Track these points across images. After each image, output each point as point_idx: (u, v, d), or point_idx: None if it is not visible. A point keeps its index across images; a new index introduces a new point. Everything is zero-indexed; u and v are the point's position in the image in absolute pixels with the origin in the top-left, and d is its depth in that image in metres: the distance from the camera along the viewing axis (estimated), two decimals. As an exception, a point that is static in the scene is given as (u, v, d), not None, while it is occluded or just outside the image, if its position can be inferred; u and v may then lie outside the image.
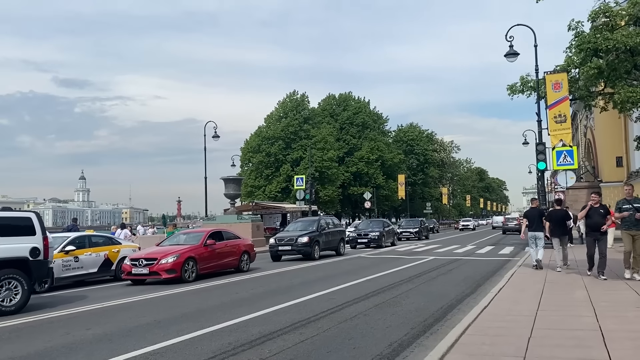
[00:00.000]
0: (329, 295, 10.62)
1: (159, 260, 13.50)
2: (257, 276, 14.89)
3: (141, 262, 13.59)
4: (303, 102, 58.23)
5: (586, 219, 11.45)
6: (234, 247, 16.02)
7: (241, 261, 16.10)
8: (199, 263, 14.19)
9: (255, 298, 10.54)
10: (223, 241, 15.74)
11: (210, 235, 15.35)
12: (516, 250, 24.42)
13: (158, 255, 13.77)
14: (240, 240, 16.70)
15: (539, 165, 21.93)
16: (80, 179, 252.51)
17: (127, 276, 13.85)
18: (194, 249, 14.36)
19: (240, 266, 16.04)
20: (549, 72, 22.51)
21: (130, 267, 13.70)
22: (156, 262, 13.47)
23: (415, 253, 23.11)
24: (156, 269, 13.35)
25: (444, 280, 13.06)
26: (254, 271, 16.20)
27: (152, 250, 14.76)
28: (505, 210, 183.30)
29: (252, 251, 17.00)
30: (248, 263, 16.47)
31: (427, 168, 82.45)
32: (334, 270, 16.14)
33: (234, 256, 15.85)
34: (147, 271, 13.45)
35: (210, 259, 14.78)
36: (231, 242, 16.14)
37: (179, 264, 13.52)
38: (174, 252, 13.84)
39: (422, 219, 47.03)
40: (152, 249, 15.02)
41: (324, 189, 54.25)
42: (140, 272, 13.54)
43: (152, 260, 13.55)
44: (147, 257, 13.75)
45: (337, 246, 22.44)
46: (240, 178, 32.76)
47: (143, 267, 13.50)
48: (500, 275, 13.78)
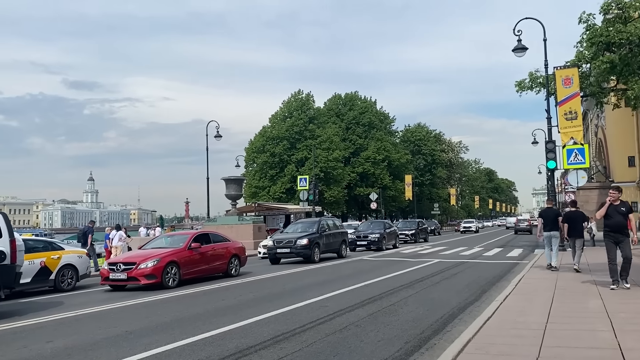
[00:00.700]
0: (321, 303, 9.86)
1: (138, 264, 12.68)
2: (248, 281, 14.13)
3: (119, 267, 12.80)
4: (308, 101, 57.48)
5: (604, 219, 9.85)
6: (222, 251, 15.19)
7: (230, 265, 15.28)
8: (183, 268, 13.35)
9: (240, 306, 9.80)
10: (210, 244, 14.90)
11: (196, 238, 14.53)
12: (525, 252, 23.53)
13: (137, 259, 12.93)
14: (229, 243, 15.84)
15: (549, 164, 21.05)
16: (88, 180, 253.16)
17: (104, 281, 13.08)
18: (177, 253, 13.52)
19: (230, 271, 15.20)
20: (559, 67, 21.64)
21: (107, 272, 12.96)
22: (135, 266, 12.66)
23: (419, 255, 22.29)
24: (135, 274, 12.55)
25: (447, 285, 12.26)
26: (245, 276, 15.42)
27: (131, 254, 14.08)
28: (514, 211, 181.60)
29: (243, 254, 16.18)
30: (238, 267, 15.66)
31: (434, 168, 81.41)
32: (332, 274, 15.37)
33: (222, 260, 15.00)
34: (125, 276, 12.65)
35: (195, 263, 13.94)
36: (219, 245, 15.29)
37: (159, 269, 12.68)
38: (154, 256, 12.96)
39: (420, 220, 45.00)
40: (132, 253, 14.36)
41: (330, 189, 53.47)
42: (118, 278, 12.74)
43: (131, 264, 12.73)
44: (125, 262, 12.95)
45: (338, 248, 21.68)
46: (241, 178, 32.10)
47: (121, 272, 12.71)
48: (507, 280, 12.97)
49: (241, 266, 15.92)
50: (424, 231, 37.22)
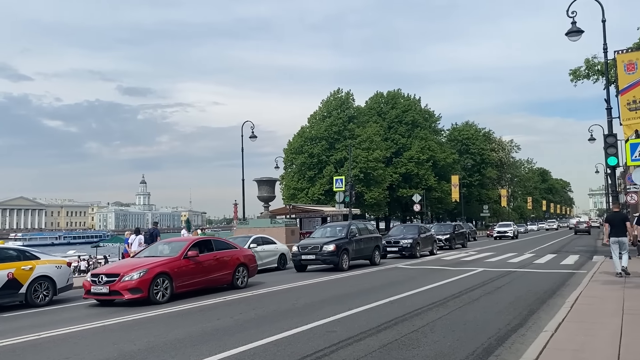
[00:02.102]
0: (329, 326, 8.21)
1: (122, 276, 11.16)
2: (254, 295, 12.50)
3: (101, 279, 11.32)
4: (348, 100, 55.62)
5: None
6: (227, 259, 13.61)
7: (236, 276, 13.72)
8: (176, 280, 11.81)
9: (232, 329, 8.25)
10: (212, 252, 13.37)
11: (195, 245, 12.98)
12: (582, 259, 21.07)
13: (121, 270, 11.44)
14: (235, 251, 14.25)
15: (609, 161, 18.59)
16: (141, 183, 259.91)
17: (86, 295, 11.67)
18: (169, 263, 11.97)
19: (235, 282, 13.66)
20: (621, 50, 19.13)
21: (89, 285, 11.49)
22: (118, 279, 11.14)
23: (462, 263, 20.22)
24: (118, 287, 11.05)
25: (487, 302, 10.34)
26: (254, 287, 13.82)
27: (116, 264, 12.75)
28: (570, 212, 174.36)
29: (252, 263, 14.60)
30: (246, 278, 14.09)
31: (484, 169, 77.82)
32: (357, 286, 13.64)
33: (226, 270, 13.43)
34: (106, 290, 11.15)
35: (192, 274, 12.37)
36: (223, 253, 13.71)
37: (146, 282, 11.13)
38: (140, 267, 11.44)
39: (457, 223, 40.92)
40: (118, 263, 13.05)
41: (370, 191, 51.43)
42: (99, 291, 11.26)
43: (114, 276, 11.23)
44: (108, 273, 11.48)
45: (370, 255, 19.90)
46: (274, 179, 30.75)
47: (103, 284, 11.22)
48: (561, 295, 10.95)
49: (250, 276, 14.39)
50: (460, 236, 33.52)
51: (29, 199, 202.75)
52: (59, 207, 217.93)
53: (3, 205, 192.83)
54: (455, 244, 31.48)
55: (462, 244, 32.99)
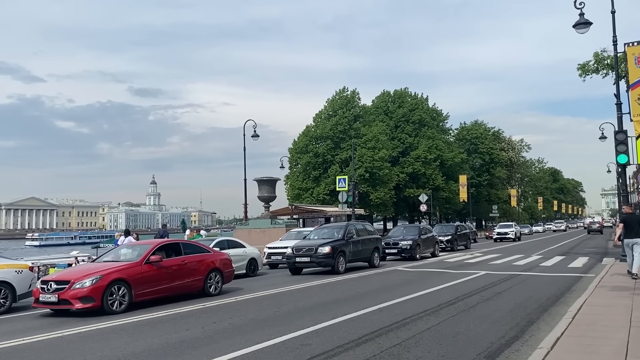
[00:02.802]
0: (306, 338, 7.50)
1: (72, 283, 10.06)
2: (229, 302, 11.54)
3: (50, 286, 10.27)
4: (353, 99, 54.80)
5: None
6: (197, 264, 12.46)
7: (208, 282, 12.60)
8: (135, 287, 10.69)
9: (199, 341, 7.56)
10: (180, 257, 12.22)
11: (160, 249, 11.87)
12: (591, 262, 20.17)
13: (72, 276, 10.33)
14: (208, 255, 13.03)
15: (619, 159, 17.66)
16: (151, 183, 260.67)
17: (35, 304, 10.60)
18: (128, 268, 10.88)
19: (207, 289, 12.53)
20: (631, 43, 18.19)
21: (39, 292, 10.46)
22: (68, 286, 10.05)
23: (464, 266, 19.42)
24: (67, 296, 9.97)
25: (484, 310, 9.57)
26: (230, 294, 12.80)
27: (69, 270, 11.76)
28: (582, 213, 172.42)
29: (228, 268, 13.42)
30: (220, 284, 12.95)
31: (493, 168, 76.57)
32: (349, 291, 12.91)
33: (196, 276, 12.30)
34: (55, 299, 10.09)
35: (155, 280, 11.23)
36: (193, 257, 12.51)
37: (99, 289, 10.04)
38: (94, 273, 10.36)
39: (460, 223, 39.09)
40: (72, 268, 12.13)
41: (375, 190, 50.59)
42: (48, 300, 10.21)
43: (64, 283, 10.16)
44: (58, 280, 10.42)
45: (369, 257, 19.15)
46: (275, 179, 30.06)
47: (51, 292, 10.16)
48: (564, 303, 10.16)
49: (225, 282, 13.28)
50: (463, 237, 31.76)
51: (40, 199, 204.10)
52: (70, 207, 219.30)
53: (15, 206, 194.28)
54: (458, 246, 30.21)
55: (465, 246, 31.58)
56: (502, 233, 43.08)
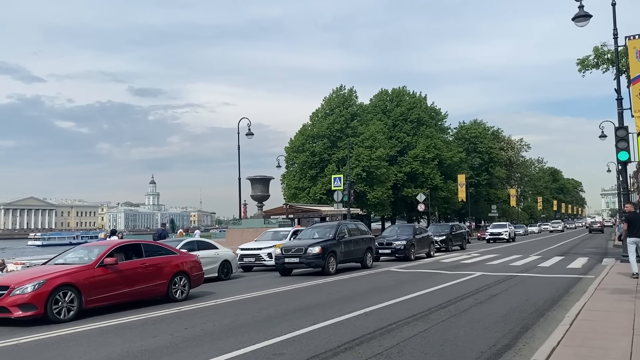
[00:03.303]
0: (280, 347, 6.92)
1: (12, 289, 9.07)
2: (199, 308, 10.68)
3: None
4: (351, 97, 54.08)
5: None
6: (161, 267, 11.43)
7: (173, 287, 11.59)
8: (86, 292, 9.69)
9: (164, 350, 6.96)
10: (140, 259, 11.19)
11: (117, 250, 10.87)
12: (590, 262, 19.60)
13: (13, 281, 9.37)
14: (173, 257, 11.99)
15: (620, 156, 17.08)
16: (150, 183, 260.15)
17: None
18: (78, 272, 9.81)
19: (172, 293, 11.53)
20: (632, 36, 17.63)
21: None
22: (6, 292, 9.07)
23: (460, 267, 18.83)
24: (6, 303, 8.98)
25: (476, 315, 8.98)
26: (197, 299, 11.85)
27: (12, 274, 10.92)
28: (581, 212, 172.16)
29: (196, 272, 12.41)
30: (186, 289, 11.94)
31: (492, 168, 75.89)
32: (337, 293, 12.33)
33: (158, 279, 11.27)
34: None
35: (110, 285, 10.22)
36: (156, 259, 11.48)
37: (42, 296, 9.03)
38: (38, 277, 9.36)
39: (456, 223, 38.07)
40: (16, 272, 11.19)
41: (373, 190, 49.92)
42: None
43: (3, 289, 9.16)
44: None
45: (362, 257, 18.56)
46: (268, 178, 29.50)
47: None
48: (562, 307, 9.59)
49: (193, 286, 12.32)
50: (458, 237, 30.79)
51: (39, 199, 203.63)
52: (69, 207, 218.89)
53: (13, 206, 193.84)
54: (453, 246, 29.44)
55: (461, 246, 30.69)
56: (495, 233, 41.29)
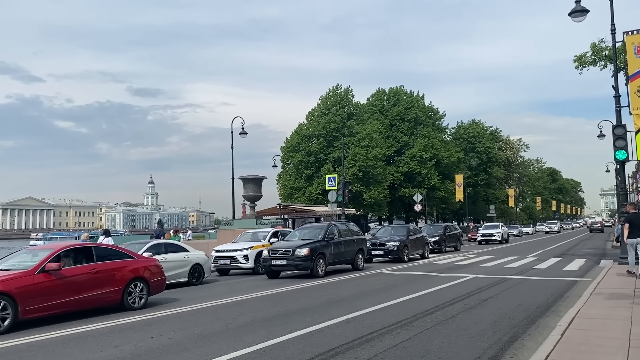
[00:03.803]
0: (248, 359, 6.40)
1: None
2: (156, 318, 9.74)
3: None
4: (347, 96, 53.60)
5: None
6: (113, 272, 10.48)
7: (127, 294, 10.60)
8: (24, 302, 8.80)
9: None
10: (90, 263, 10.18)
11: (64, 254, 9.96)
12: (587, 264, 19.10)
13: None
14: (129, 262, 11.00)
15: (618, 155, 16.57)
16: (149, 183, 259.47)
17: None
18: (14, 279, 8.92)
19: (127, 301, 10.58)
20: (631, 32, 17.12)
21: None
22: None
23: (454, 269, 18.32)
24: None
25: (464, 321, 8.48)
26: (159, 307, 10.89)
27: None
28: (580, 213, 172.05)
29: (156, 277, 11.46)
30: (145, 296, 10.99)
31: (490, 168, 75.43)
32: (322, 297, 11.81)
33: (111, 286, 10.33)
34: None
35: (53, 293, 9.30)
36: (107, 264, 10.48)
37: None
38: None
39: (449, 224, 37.25)
40: None
41: (369, 190, 49.45)
42: None
43: None
44: None
45: (353, 259, 18.05)
46: (260, 177, 28.99)
47: None
48: (555, 313, 9.09)
49: (153, 293, 11.35)
50: (453, 238, 30.00)
51: (37, 199, 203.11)
52: (67, 207, 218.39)
53: (11, 206, 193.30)
54: (447, 247, 28.76)
55: (455, 247, 29.96)
56: (487, 235, 39.23)
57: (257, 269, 17.67)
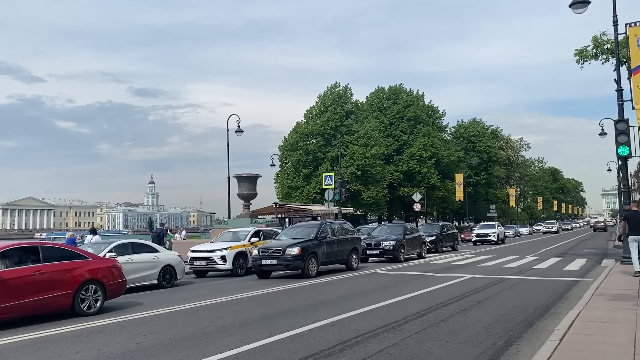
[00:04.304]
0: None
1: None
2: (130, 320, 9.10)
3: None
4: (345, 95, 52.93)
5: None
6: (63, 274, 9.57)
7: (79, 298, 9.73)
8: None
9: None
10: (36, 265, 9.30)
11: (4, 255, 9.17)
12: (589, 264, 18.55)
13: None
14: (81, 263, 10.10)
15: (620, 151, 16.02)
16: (149, 183, 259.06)
17: None
18: None
19: (78, 306, 9.70)
20: (634, 23, 16.55)
21: None
22: None
23: (451, 269, 17.77)
24: None
25: (457, 325, 7.92)
26: (118, 312, 10.06)
27: None
28: (582, 213, 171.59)
29: (114, 279, 10.60)
30: (100, 299, 10.11)
31: (491, 167, 74.74)
32: (309, 299, 11.25)
33: (60, 289, 9.42)
34: None
35: None
36: (56, 265, 9.55)
37: None
38: None
39: (447, 223, 36.33)
40: None
41: (368, 189, 48.84)
42: None
43: None
44: None
45: (347, 258, 17.50)
46: (255, 176, 28.48)
47: None
48: (555, 315, 8.56)
49: (111, 297, 10.49)
50: (450, 237, 29.34)
51: (38, 199, 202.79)
52: (68, 207, 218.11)
53: (11, 206, 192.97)
54: (443, 247, 28.10)
55: (452, 247, 29.32)
56: (482, 235, 37.44)
57: (236, 271, 16.96)
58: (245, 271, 17.34)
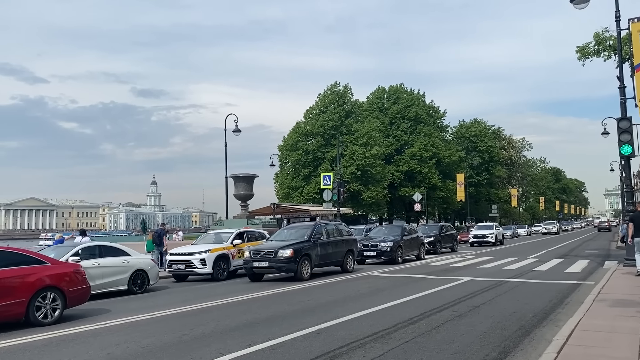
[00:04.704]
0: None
1: None
2: (79, 332, 8.41)
3: None
4: (345, 94, 52.44)
5: None
6: (15, 281, 8.87)
7: (34, 306, 9.00)
8: None
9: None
10: None
11: None
12: (591, 266, 18.09)
13: None
14: (37, 268, 9.34)
15: (623, 150, 15.56)
16: (152, 183, 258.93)
17: None
18: None
19: (33, 315, 8.99)
20: (636, 19, 16.08)
21: None
22: None
23: (449, 271, 17.32)
24: None
25: (449, 333, 7.48)
26: (83, 320, 9.52)
27: None
28: (584, 213, 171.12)
29: (75, 285, 9.84)
30: (59, 308, 9.37)
31: (492, 167, 74.18)
32: (297, 305, 10.79)
33: (12, 297, 8.70)
34: None
35: None
36: (7, 271, 8.84)
37: None
38: None
39: (446, 224, 35.56)
40: None
41: (368, 189, 48.37)
42: None
43: None
44: None
45: (342, 260, 17.06)
46: (252, 176, 28.12)
47: None
48: (554, 322, 8.12)
49: (71, 305, 9.73)
50: (449, 238, 28.72)
51: (40, 199, 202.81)
52: (70, 207, 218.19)
53: (14, 206, 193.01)
54: (442, 248, 27.48)
55: (451, 248, 28.69)
56: (480, 236, 35.89)
57: (217, 275, 16.17)
58: (227, 275, 16.59)
